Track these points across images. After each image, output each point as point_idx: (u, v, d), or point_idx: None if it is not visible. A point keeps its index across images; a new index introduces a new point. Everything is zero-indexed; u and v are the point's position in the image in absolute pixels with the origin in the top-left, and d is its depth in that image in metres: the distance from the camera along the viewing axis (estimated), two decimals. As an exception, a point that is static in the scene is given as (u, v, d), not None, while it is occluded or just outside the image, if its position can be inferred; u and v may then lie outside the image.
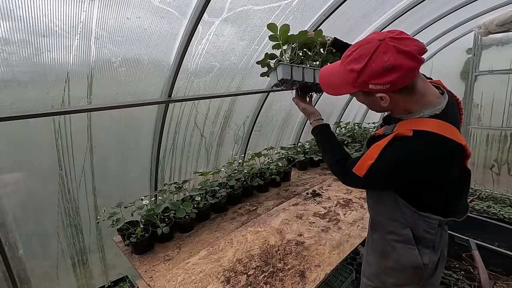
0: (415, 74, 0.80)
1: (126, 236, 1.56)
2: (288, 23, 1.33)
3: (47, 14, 1.26)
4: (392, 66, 0.76)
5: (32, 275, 1.78)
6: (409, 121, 0.88)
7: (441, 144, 0.82)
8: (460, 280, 2.14)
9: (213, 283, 1.29)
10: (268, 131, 3.30)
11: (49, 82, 1.48)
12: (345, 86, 0.89)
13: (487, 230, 2.54)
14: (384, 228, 1.02)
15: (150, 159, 2.22)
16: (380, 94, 0.83)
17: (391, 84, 0.79)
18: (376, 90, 0.82)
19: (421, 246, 0.96)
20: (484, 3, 3.15)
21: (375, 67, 0.78)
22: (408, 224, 0.94)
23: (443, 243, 1.02)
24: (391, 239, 1.00)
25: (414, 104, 0.87)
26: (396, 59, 0.76)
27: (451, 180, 0.90)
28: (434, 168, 0.84)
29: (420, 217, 0.92)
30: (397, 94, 0.83)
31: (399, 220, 0.96)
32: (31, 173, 1.68)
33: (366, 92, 0.86)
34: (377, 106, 0.91)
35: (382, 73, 0.77)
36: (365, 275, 1.16)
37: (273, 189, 2.37)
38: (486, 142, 4.06)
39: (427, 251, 0.96)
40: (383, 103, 0.85)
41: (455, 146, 0.83)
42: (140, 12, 1.48)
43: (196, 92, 2.17)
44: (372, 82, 0.80)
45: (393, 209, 0.96)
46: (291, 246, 1.53)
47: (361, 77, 0.82)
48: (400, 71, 0.76)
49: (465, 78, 4.19)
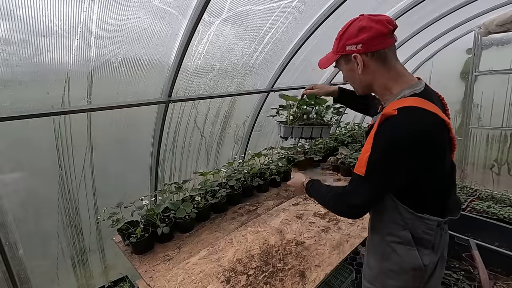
0: (386, 42, 0.91)
1: (126, 236, 1.56)
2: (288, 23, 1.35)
3: (47, 14, 1.26)
4: (363, 27, 0.91)
5: (32, 275, 1.78)
6: (392, 103, 0.92)
7: (425, 116, 0.84)
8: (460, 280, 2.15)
9: (213, 283, 1.29)
10: (268, 131, 3.30)
11: (49, 82, 1.48)
12: (331, 56, 1.04)
13: (487, 230, 2.54)
14: (384, 230, 1.02)
15: (150, 159, 2.22)
16: (356, 56, 0.94)
17: (363, 43, 0.91)
18: (352, 51, 0.94)
19: (421, 247, 0.96)
20: (484, 3, 3.15)
21: (351, 29, 0.94)
22: (407, 226, 0.95)
23: (443, 244, 1.02)
24: (391, 240, 1.00)
25: (392, 80, 0.95)
26: (368, 22, 0.91)
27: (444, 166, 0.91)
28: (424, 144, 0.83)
29: (418, 218, 0.93)
30: (371, 59, 0.93)
31: (398, 222, 0.97)
32: (31, 173, 1.68)
33: (346, 58, 0.99)
34: (356, 76, 0.99)
35: (357, 34, 0.92)
36: (366, 278, 1.15)
37: (273, 189, 2.37)
38: (486, 142, 4.06)
39: (427, 251, 0.96)
40: (359, 68, 0.95)
41: (440, 120, 0.85)
42: (140, 12, 1.48)
43: (196, 92, 2.17)
44: (348, 42, 0.94)
45: (392, 212, 0.97)
46: (291, 246, 1.53)
47: (341, 41, 0.97)
48: (370, 31, 0.90)
49: (465, 78, 4.19)
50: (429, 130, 0.83)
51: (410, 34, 3.44)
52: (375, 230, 1.09)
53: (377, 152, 0.87)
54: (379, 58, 0.93)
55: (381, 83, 0.97)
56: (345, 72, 1.05)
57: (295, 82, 2.98)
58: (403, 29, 3.26)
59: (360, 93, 1.09)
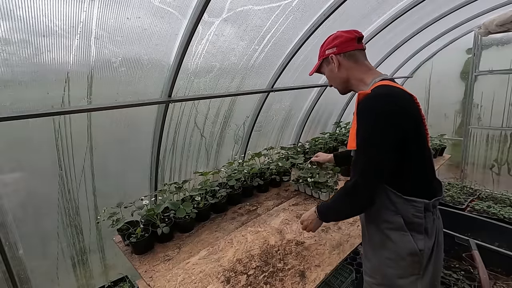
0: (354, 45, 1.17)
1: (126, 236, 1.56)
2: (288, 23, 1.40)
3: (47, 14, 1.25)
4: (337, 36, 1.20)
5: (32, 275, 1.78)
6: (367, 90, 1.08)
7: (395, 89, 1.01)
8: (460, 280, 2.14)
9: (213, 283, 1.29)
10: (268, 131, 3.30)
11: (49, 82, 1.48)
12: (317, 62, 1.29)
13: (487, 230, 2.54)
14: (378, 218, 1.08)
15: (150, 159, 2.22)
16: (333, 57, 1.19)
17: (337, 46, 1.18)
18: (329, 53, 1.20)
19: (414, 232, 1.03)
20: (484, 3, 3.15)
21: (329, 39, 1.23)
22: (398, 211, 1.03)
23: (437, 229, 1.08)
24: (385, 227, 1.06)
25: (364, 73, 1.17)
26: (340, 33, 1.20)
27: (422, 140, 1.03)
28: (400, 108, 0.96)
29: (406, 202, 1.02)
30: (344, 59, 1.18)
31: (389, 208, 1.04)
32: (31, 173, 1.68)
33: (326, 60, 1.23)
34: (335, 74, 1.22)
35: (332, 41, 1.20)
36: (367, 272, 1.18)
37: (273, 189, 2.37)
38: (486, 142, 4.06)
39: (420, 236, 1.02)
40: (336, 67, 1.19)
41: (408, 95, 1.01)
42: (140, 12, 1.48)
43: (196, 92, 2.17)
44: (327, 48, 1.21)
45: (382, 198, 1.05)
46: (291, 246, 1.53)
47: (322, 49, 1.25)
48: (342, 38, 1.18)
49: (465, 78, 4.19)
50: (401, 99, 0.99)
51: (410, 34, 3.44)
52: (369, 220, 1.14)
53: (362, 123, 1.00)
54: (351, 57, 1.17)
55: (355, 76, 1.18)
56: (327, 73, 1.27)
57: (295, 82, 2.98)
58: (403, 29, 3.26)
59: (341, 91, 1.29)
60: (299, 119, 3.65)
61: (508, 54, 3.70)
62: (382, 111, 0.95)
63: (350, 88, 1.24)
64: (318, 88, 3.39)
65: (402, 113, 0.96)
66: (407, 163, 1.00)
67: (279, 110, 3.20)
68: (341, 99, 4.12)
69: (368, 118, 0.98)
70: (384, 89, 1.01)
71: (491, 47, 3.82)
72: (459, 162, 4.33)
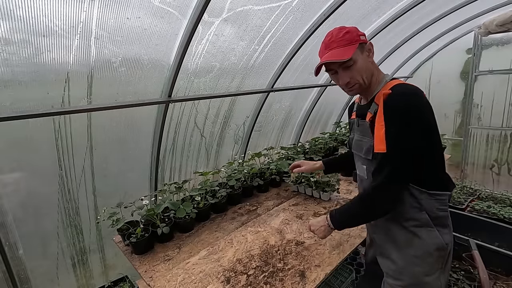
0: None
1: (126, 236, 1.56)
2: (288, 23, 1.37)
3: (47, 14, 1.25)
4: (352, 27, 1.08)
5: (32, 275, 1.78)
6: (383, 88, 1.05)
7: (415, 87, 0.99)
8: (460, 280, 2.14)
9: (213, 283, 1.29)
10: (268, 131, 3.30)
11: (49, 82, 1.48)
12: (348, 47, 1.04)
13: (487, 230, 2.54)
14: (402, 216, 1.06)
15: (150, 159, 2.22)
16: (368, 44, 1.07)
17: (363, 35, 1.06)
18: (364, 40, 1.06)
19: (439, 227, 1.04)
20: (484, 3, 3.15)
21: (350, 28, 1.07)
22: (422, 208, 1.02)
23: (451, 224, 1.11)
24: (411, 225, 1.05)
25: (378, 70, 1.12)
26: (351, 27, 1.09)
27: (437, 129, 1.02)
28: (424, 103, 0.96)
29: (430, 196, 1.01)
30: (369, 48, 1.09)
31: (414, 205, 1.03)
32: (31, 173, 1.68)
33: (362, 46, 1.06)
34: (367, 64, 1.07)
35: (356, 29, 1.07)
36: (390, 275, 1.14)
37: (273, 189, 2.37)
38: (486, 142, 4.06)
39: (445, 230, 1.04)
40: (371, 54, 1.09)
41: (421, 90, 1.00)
42: (140, 12, 1.48)
43: (196, 92, 2.17)
44: (359, 33, 1.06)
45: (407, 197, 1.03)
46: (291, 246, 1.53)
47: (351, 34, 1.04)
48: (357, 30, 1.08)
49: (465, 78, 4.19)
50: (422, 95, 0.98)
51: (410, 34, 3.44)
52: (391, 220, 1.11)
53: (391, 123, 0.96)
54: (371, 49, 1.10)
55: (375, 72, 1.11)
56: (360, 62, 1.05)
57: (295, 82, 2.98)
58: (403, 29, 3.26)
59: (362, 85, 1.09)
60: (299, 119, 3.65)
61: (508, 54, 3.70)
62: (415, 109, 0.94)
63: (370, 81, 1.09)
64: (318, 88, 3.39)
65: (429, 108, 0.97)
66: (429, 156, 0.99)
67: (279, 110, 3.20)
68: (341, 99, 4.13)
69: (402, 117, 0.94)
70: (407, 87, 0.99)
71: (491, 47, 3.82)
72: (459, 162, 4.33)
